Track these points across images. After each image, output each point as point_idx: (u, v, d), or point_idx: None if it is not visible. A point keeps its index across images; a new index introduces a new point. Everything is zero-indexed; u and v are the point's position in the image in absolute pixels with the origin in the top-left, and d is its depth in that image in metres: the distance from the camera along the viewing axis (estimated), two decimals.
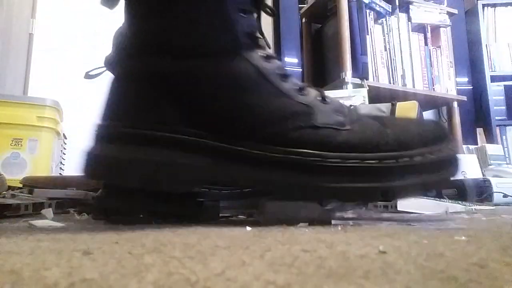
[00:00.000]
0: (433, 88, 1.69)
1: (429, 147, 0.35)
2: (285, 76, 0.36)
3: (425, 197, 0.63)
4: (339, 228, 0.32)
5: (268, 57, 0.37)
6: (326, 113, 0.35)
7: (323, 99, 0.37)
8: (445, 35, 1.76)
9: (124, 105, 0.36)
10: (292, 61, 1.64)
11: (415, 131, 0.36)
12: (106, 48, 0.39)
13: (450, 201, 0.61)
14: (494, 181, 1.03)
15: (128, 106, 0.35)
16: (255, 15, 0.38)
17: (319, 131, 0.34)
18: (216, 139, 0.34)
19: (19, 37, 1.77)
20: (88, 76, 0.39)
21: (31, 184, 0.70)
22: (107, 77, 0.39)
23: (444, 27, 1.76)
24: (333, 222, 0.36)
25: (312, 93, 0.37)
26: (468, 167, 1.51)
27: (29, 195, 0.60)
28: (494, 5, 2.12)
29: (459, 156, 0.39)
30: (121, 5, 0.38)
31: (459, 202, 0.75)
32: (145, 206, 0.38)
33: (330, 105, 0.36)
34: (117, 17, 0.39)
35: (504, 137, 1.98)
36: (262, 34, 0.38)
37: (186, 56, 0.35)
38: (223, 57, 0.35)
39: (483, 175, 1.41)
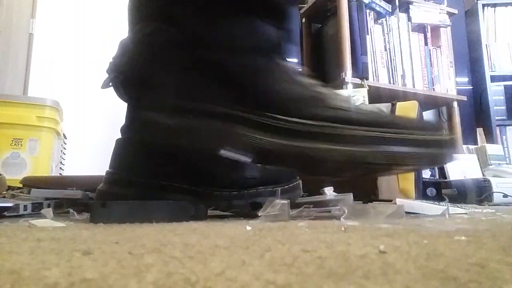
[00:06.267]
0: (433, 88, 1.69)
1: (424, 131, 0.43)
2: (297, 73, 0.49)
3: (425, 201, 0.63)
4: (342, 229, 0.32)
5: (286, 59, 0.49)
6: (330, 99, 0.45)
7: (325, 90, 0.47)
8: (445, 35, 1.76)
9: (192, 86, 0.46)
10: (292, 61, 1.63)
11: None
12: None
13: (450, 204, 0.61)
14: (494, 181, 1.03)
15: (191, 88, 0.46)
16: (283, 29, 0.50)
17: (329, 110, 0.44)
18: (250, 113, 0.44)
19: (19, 37, 1.77)
20: (104, 85, 0.48)
21: (31, 184, 0.70)
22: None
23: (444, 27, 1.76)
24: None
25: (323, 87, 0.47)
26: (468, 167, 1.51)
27: (29, 195, 0.60)
28: (494, 5, 2.12)
29: (452, 142, 0.45)
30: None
31: (458, 206, 0.75)
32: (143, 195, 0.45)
33: (332, 94, 0.47)
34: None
35: (504, 137, 1.98)
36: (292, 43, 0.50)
37: (234, 53, 0.46)
38: (259, 56, 0.47)
39: (483, 175, 1.41)
